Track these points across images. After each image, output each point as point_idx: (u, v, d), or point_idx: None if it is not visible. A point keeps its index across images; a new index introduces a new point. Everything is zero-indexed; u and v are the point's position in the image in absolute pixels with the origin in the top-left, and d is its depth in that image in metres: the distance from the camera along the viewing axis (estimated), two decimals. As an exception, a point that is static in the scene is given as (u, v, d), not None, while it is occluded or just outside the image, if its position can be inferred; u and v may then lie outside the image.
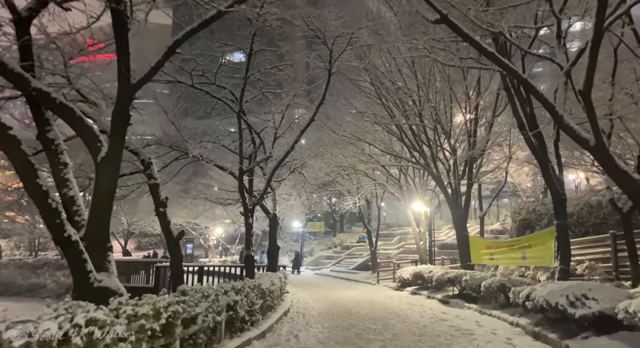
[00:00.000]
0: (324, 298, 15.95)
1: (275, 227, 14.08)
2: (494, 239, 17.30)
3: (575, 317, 6.88)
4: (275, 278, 11.24)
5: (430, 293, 16.02)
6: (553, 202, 10.26)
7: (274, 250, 14.17)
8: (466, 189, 15.45)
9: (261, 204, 13.77)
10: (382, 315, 11.53)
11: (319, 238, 48.27)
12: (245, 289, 7.55)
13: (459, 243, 15.75)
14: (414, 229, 20.13)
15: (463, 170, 15.40)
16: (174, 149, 12.53)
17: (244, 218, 10.72)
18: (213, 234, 44.33)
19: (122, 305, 4.26)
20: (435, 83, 13.80)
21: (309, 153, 14.68)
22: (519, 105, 10.28)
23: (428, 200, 19.43)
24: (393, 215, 56.57)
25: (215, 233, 44.12)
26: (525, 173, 29.84)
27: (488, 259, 13.91)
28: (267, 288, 9.50)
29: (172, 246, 8.78)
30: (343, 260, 33.61)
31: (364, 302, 14.74)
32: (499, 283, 10.85)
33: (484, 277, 12.27)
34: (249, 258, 10.67)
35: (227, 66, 10.82)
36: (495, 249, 13.44)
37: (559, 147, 10.37)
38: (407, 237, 35.23)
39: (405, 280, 18.34)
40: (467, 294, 13.98)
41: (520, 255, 11.93)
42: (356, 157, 17.57)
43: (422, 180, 19.83)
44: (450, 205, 15.66)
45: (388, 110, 15.08)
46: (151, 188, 8.60)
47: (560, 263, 9.90)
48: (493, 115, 14.99)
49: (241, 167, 10.36)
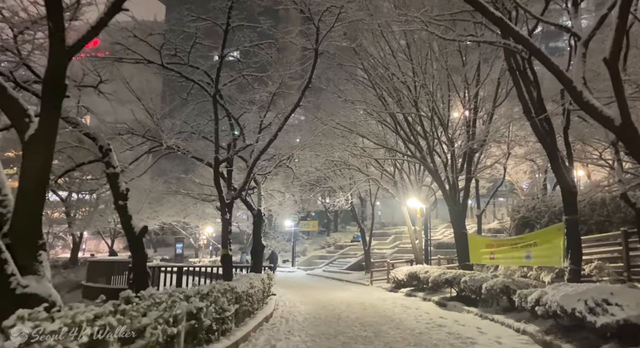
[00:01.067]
0: (313, 300, 14.93)
1: (259, 225, 13.05)
2: (493, 238, 16.30)
3: (596, 325, 5.90)
4: (256, 279, 10.20)
5: (426, 295, 15.05)
6: (562, 195, 9.30)
7: (259, 249, 13.13)
8: (465, 184, 14.47)
9: (244, 199, 12.72)
10: (374, 320, 10.52)
11: (313, 237, 47.27)
12: (213, 294, 6.51)
13: (457, 241, 14.79)
14: (409, 227, 19.15)
15: (462, 164, 14.42)
16: (148, 138, 11.45)
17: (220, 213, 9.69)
18: (203, 233, 43.16)
19: (21, 320, 3.21)
20: (432, 69, 12.78)
21: (297, 145, 13.63)
22: (524, 89, 9.30)
23: (424, 196, 18.46)
24: (388, 214, 55.82)
25: (205, 232, 42.95)
26: (523, 171, 29.20)
27: (488, 259, 12.94)
28: (244, 292, 8.47)
29: (134, 244, 7.73)
30: (336, 260, 32.63)
31: (355, 304, 13.74)
32: (502, 285, 9.88)
33: (485, 278, 11.29)
34: (225, 259, 9.58)
35: (203, 44, 9.76)
36: (497, 248, 12.47)
37: (568, 136, 9.41)
38: (402, 236, 34.35)
39: (400, 281, 17.36)
40: (466, 296, 13.01)
41: (524, 255, 10.95)
42: (348, 150, 16.53)
43: (418, 177, 18.84)
44: (447, 201, 14.68)
45: (382, 99, 14.05)
46: (109, 178, 7.54)
47: (571, 263, 8.94)
48: (493, 106, 14.02)
49: (216, 157, 9.29)
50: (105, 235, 40.56)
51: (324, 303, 14.14)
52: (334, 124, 14.50)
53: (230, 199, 9.78)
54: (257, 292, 10.01)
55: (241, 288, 8.32)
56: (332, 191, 19.42)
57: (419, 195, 18.08)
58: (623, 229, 10.53)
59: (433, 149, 14.39)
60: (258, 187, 13.51)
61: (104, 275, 18.82)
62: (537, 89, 9.07)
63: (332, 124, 14.41)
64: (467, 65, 13.14)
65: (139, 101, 11.50)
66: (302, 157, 16.01)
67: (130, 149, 12.17)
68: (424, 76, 12.51)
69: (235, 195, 9.87)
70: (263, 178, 13.66)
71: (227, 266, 9.60)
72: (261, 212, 12.99)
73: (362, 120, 15.41)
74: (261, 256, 13.29)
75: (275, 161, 13.57)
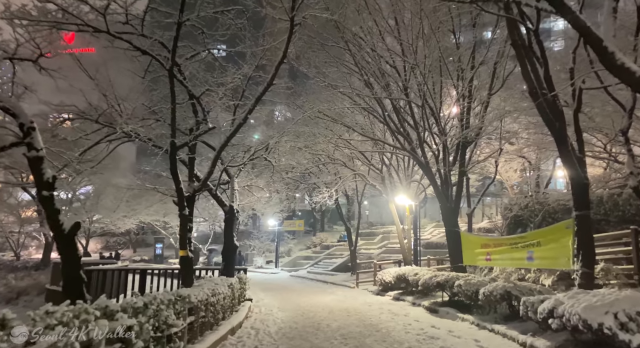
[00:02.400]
0: (293, 306, 13.62)
1: (231, 223, 11.69)
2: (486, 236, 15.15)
3: (631, 345, 4.72)
4: (222, 285, 8.85)
5: (415, 299, 13.86)
6: (572, 188, 8.14)
7: (231, 250, 11.77)
8: (457, 178, 13.30)
9: (215, 194, 11.36)
10: (357, 330, 9.26)
11: (299, 237, 45.87)
12: (151, 306, 5.15)
13: (449, 241, 13.63)
14: (397, 226, 17.94)
15: (454, 157, 13.25)
16: (103, 124, 10.00)
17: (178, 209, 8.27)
18: (184, 233, 41.45)
19: None
20: (423, 49, 11.51)
21: (275, 134, 12.29)
22: (529, 67, 8.12)
23: (413, 193, 17.28)
24: (376, 213, 54.73)
25: (186, 232, 41.27)
26: (513, 169, 28.43)
27: (484, 260, 11.79)
28: (203, 300, 7.12)
29: (64, 244, 6.35)
30: (322, 260, 31.36)
31: (338, 310, 12.47)
32: (502, 291, 8.69)
33: (482, 281, 10.12)
34: (184, 261, 8.18)
35: (159, 10, 8.35)
36: (493, 248, 11.31)
37: (579, 120, 8.25)
38: (390, 235, 33.27)
39: (387, 284, 16.16)
40: (459, 301, 11.84)
41: (525, 256, 9.80)
42: (332, 142, 15.22)
43: (407, 173, 17.66)
44: (439, 197, 13.50)
45: (368, 84, 12.74)
46: (31, 162, 6.14)
47: (582, 266, 7.78)
48: (489, 93, 12.88)
49: (173, 141, 7.91)
50: (80, 235, 38.58)
51: (304, 309, 12.85)
52: (315, 111, 13.18)
53: (192, 192, 8.41)
54: (224, 299, 8.66)
55: (199, 296, 6.97)
56: (317, 188, 18.13)
57: (407, 191, 16.90)
58: (633, 227, 9.44)
59: (424, 141, 13.18)
60: (231, 181, 12.16)
61: (67, 278, 17.26)
62: (544, 65, 7.90)
63: (314, 111, 13.08)
64: (462, 48, 11.95)
65: (92, 81, 10.03)
66: (283, 149, 14.69)
67: (84, 136, 10.69)
68: (414, 57, 11.28)
69: (198, 188, 8.51)
70: (237, 171, 12.30)
71: (186, 270, 8.20)
72: (234, 208, 11.64)
73: (347, 108, 14.08)
74: (233, 258, 11.94)
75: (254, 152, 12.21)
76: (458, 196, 13.42)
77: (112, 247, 50.98)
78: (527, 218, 17.42)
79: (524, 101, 13.64)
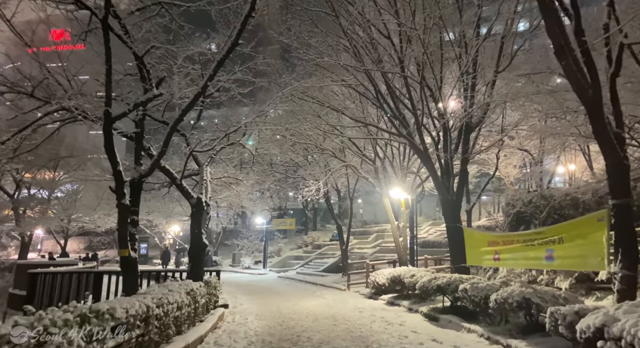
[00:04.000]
0: (274, 312, 12.01)
1: (199, 217, 10.01)
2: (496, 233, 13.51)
3: None
4: (179, 291, 7.20)
5: (412, 304, 12.29)
6: (608, 171, 6.60)
7: (199, 249, 10.10)
8: (460, 167, 11.71)
9: (179, 184, 9.68)
10: (344, 344, 7.67)
11: (290, 236, 44.24)
12: (37, 325, 3.50)
13: (450, 238, 12.07)
14: (392, 222, 16.34)
15: (457, 143, 11.66)
16: (41, 99, 8.30)
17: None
18: (169, 232, 39.61)
19: None
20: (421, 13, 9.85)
21: (252, 115, 10.61)
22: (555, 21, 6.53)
23: (409, 185, 15.70)
24: (370, 212, 53.34)
25: (171, 231, 39.41)
26: (513, 165, 27.17)
27: (491, 260, 10.23)
28: (141, 314, 5.47)
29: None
30: (313, 260, 29.73)
31: (324, 318, 10.87)
32: (520, 298, 7.11)
33: (492, 286, 8.54)
34: (125, 263, 6.48)
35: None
36: (503, 246, 9.75)
37: (616, 88, 6.68)
38: (385, 234, 31.74)
39: (381, 286, 14.58)
40: (462, 307, 10.29)
41: (543, 255, 8.23)
42: (320, 128, 13.55)
43: (402, 164, 16.07)
44: (439, 189, 11.93)
45: (358, 57, 10.99)
46: None
47: (622, 267, 6.22)
48: (496, 70, 11.31)
49: (107, 111, 6.22)
50: (59, 234, 36.72)
51: (285, 316, 11.23)
52: (299, 91, 11.48)
53: (138, 177, 6.73)
54: (178, 309, 7.01)
55: (133, 308, 5.32)
56: (304, 180, 16.45)
57: (403, 184, 15.31)
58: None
59: (422, 125, 11.58)
60: (200, 170, 10.49)
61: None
62: (575, 17, 6.32)
63: (297, 87, 11.33)
64: (465, 15, 10.32)
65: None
66: (264, 136, 13.05)
67: (21, 114, 8.99)
68: (412, 20, 9.62)
69: (146, 172, 6.82)
70: (207, 158, 10.61)
71: (128, 273, 6.52)
72: (202, 201, 9.97)
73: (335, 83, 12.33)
74: (202, 258, 10.27)
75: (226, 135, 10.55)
76: (460, 188, 11.86)
77: (95, 247, 48.97)
78: (531, 214, 16.08)
79: (528, 86, 12.16)
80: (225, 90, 11.89)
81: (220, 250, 39.82)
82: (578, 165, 23.41)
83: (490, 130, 17.44)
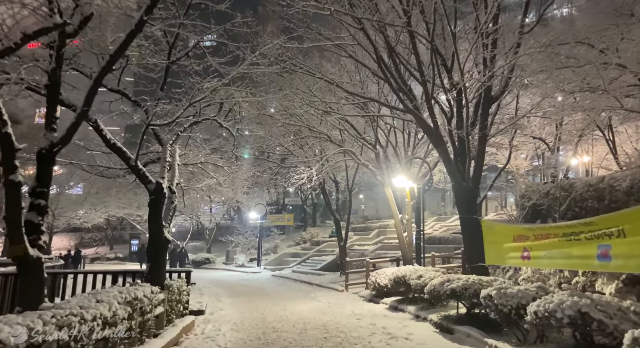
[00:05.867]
0: (256, 320, 10.14)
1: (159, 207, 8.11)
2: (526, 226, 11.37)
3: None
4: (110, 303, 5.32)
5: (419, 310, 10.42)
6: None
7: (158, 246, 8.20)
8: (478, 147, 9.75)
9: (133, 166, 7.77)
10: (333, 372, 5.79)
11: (289, 233, 42.39)
12: None
13: (466, 233, 10.15)
14: (395, 216, 14.39)
15: (474, 118, 9.70)
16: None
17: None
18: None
19: None
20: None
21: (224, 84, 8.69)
22: None
23: (416, 173, 13.74)
24: (372, 207, 51.45)
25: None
26: (524, 157, 25.35)
27: (519, 259, 8.30)
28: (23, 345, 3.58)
29: None
30: (310, 258, 27.85)
31: (315, 329, 9.00)
32: (574, 312, 5.18)
33: (526, 292, 6.62)
34: (23, 265, 4.56)
35: None
36: (534, 241, 7.81)
37: None
38: (387, 230, 29.82)
39: (383, 288, 12.71)
40: (480, 315, 8.43)
41: (594, 252, 6.30)
42: (312, 106, 11.57)
43: (407, 150, 14.12)
44: (452, 174, 10.01)
45: (354, 17, 9.03)
46: None
47: None
48: (521, 30, 9.33)
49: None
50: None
51: (268, 326, 9.37)
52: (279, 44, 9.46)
53: (48, 147, 4.85)
54: (109, 327, 5.13)
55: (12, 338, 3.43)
56: (295, 167, 14.53)
57: (408, 172, 13.37)
58: None
59: (432, 96, 9.62)
60: (163, 150, 8.61)
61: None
62: None
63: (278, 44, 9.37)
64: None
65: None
66: (248, 115, 11.14)
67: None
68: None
69: (59, 141, 4.92)
70: (172, 136, 8.69)
71: (28, 280, 4.62)
72: (162, 186, 8.08)
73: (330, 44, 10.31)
74: (163, 257, 8.36)
75: (193, 103, 8.63)
76: (478, 172, 9.93)
77: (87, 244, 47.30)
78: (549, 207, 14.30)
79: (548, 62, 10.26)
80: (198, 58, 10.00)
81: (215, 247, 37.96)
82: (595, 157, 21.54)
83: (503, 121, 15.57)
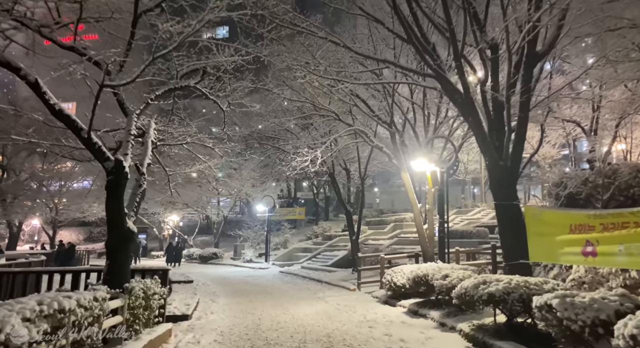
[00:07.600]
0: (248, 327, 8.46)
1: (118, 190, 6.41)
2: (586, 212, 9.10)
3: None
4: (24, 313, 3.64)
5: (445, 317, 8.60)
6: None
7: (120, 238, 6.49)
8: (518, 116, 7.74)
9: (85, 137, 6.11)
10: None
11: (300, 227, 40.79)
12: None
13: (503, 222, 8.24)
14: (413, 205, 12.49)
15: (513, 79, 7.68)
16: None
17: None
18: (168, 223, 36.58)
19: None
20: None
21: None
22: None
23: (438, 155, 11.80)
24: (387, 200, 49.59)
25: (170, 221, 36.35)
26: (551, 144, 23.16)
27: (580, 255, 6.32)
28: None
29: None
30: (321, 253, 26.12)
31: (316, 340, 7.27)
32: None
33: (604, 303, 4.75)
34: None
35: None
36: (604, 232, 5.88)
37: None
38: (404, 224, 27.87)
39: (400, 288, 10.92)
40: (524, 326, 6.58)
41: None
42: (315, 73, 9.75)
43: (427, 127, 12.16)
44: (486, 152, 8.10)
45: None
46: None
47: None
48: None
49: None
50: (47, 225, 34.04)
51: (260, 336, 7.68)
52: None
53: None
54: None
55: None
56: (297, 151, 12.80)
57: (429, 154, 11.45)
58: None
59: (461, 54, 7.67)
60: (128, 121, 6.89)
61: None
62: None
63: None
64: None
65: None
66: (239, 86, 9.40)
67: None
68: None
69: None
70: (140, 104, 6.98)
71: None
72: (123, 165, 6.37)
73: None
74: (126, 251, 6.67)
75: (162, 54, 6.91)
76: (519, 148, 7.98)
77: (96, 238, 46.49)
78: (587, 196, 12.41)
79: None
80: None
81: (223, 242, 36.55)
82: (633, 144, 19.28)
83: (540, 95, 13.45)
